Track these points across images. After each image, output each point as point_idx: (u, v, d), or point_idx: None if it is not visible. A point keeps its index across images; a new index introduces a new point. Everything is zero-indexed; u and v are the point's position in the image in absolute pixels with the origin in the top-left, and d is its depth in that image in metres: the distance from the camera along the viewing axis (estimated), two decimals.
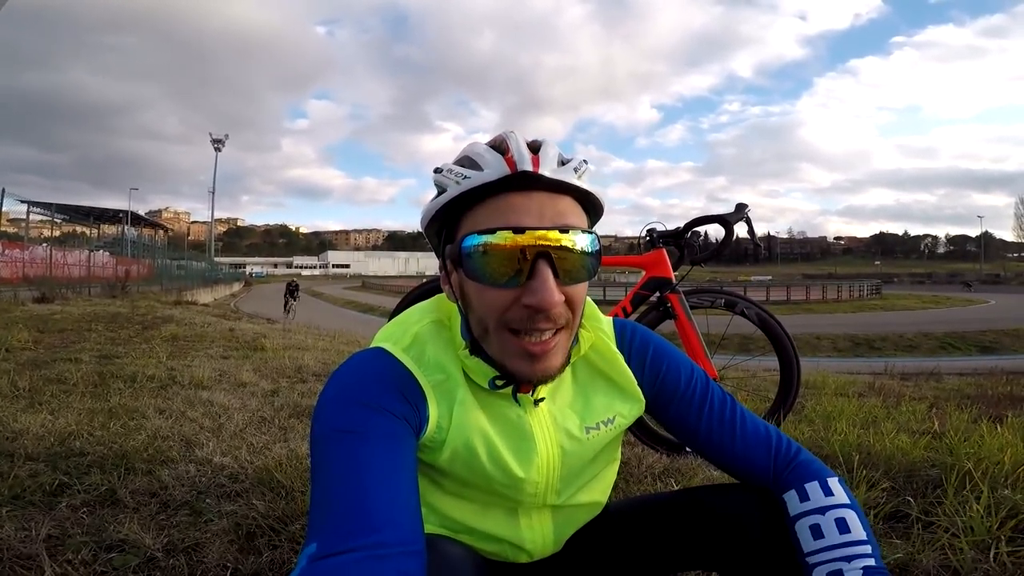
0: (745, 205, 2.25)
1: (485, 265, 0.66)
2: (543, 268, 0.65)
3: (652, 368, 0.84)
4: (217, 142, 46.66)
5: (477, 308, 0.70)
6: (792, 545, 0.74)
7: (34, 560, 1.26)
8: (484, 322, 0.69)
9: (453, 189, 0.67)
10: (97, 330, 5.81)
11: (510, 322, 0.68)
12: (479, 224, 0.66)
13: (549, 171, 0.66)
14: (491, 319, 0.68)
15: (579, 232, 0.67)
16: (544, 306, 0.65)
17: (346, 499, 0.61)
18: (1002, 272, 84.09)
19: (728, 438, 0.82)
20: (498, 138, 0.71)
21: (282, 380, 3.53)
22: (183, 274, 26.07)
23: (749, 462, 0.81)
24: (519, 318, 0.67)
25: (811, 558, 0.70)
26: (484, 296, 0.68)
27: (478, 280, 0.67)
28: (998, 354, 13.17)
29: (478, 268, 0.66)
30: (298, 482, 1.69)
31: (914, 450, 1.89)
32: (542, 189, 0.67)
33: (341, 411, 0.68)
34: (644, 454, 2.08)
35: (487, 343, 0.71)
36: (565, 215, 0.67)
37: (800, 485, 0.76)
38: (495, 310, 0.67)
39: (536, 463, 0.78)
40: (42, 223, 28.97)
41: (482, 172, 0.66)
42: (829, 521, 0.72)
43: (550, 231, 0.65)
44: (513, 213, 0.65)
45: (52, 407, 2.55)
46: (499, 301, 0.67)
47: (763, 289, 32.89)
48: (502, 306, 0.67)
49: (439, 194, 0.70)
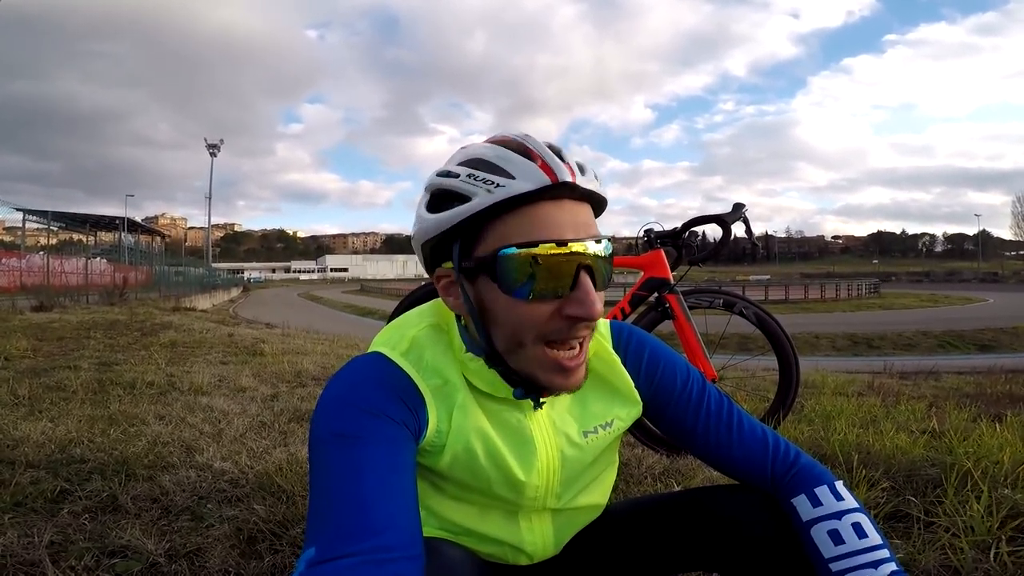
0: (742, 205, 2.25)
1: (527, 279, 0.64)
2: (585, 279, 0.65)
3: (648, 371, 0.84)
4: (212, 147, 46.58)
5: (509, 322, 0.67)
6: (797, 544, 0.74)
7: (37, 566, 1.26)
8: (517, 336, 0.68)
9: (484, 198, 0.64)
10: (96, 337, 5.81)
11: (549, 335, 0.67)
12: (514, 236, 0.64)
13: (582, 181, 0.66)
14: (529, 333, 0.67)
15: (606, 241, 0.68)
16: (592, 316, 0.65)
17: (345, 504, 0.61)
18: (1000, 270, 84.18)
19: (725, 441, 0.82)
20: (514, 141, 0.68)
21: (281, 385, 3.53)
22: (181, 280, 26.04)
23: (746, 465, 0.81)
24: (559, 329, 0.66)
25: (835, 564, 0.69)
26: (521, 310, 0.66)
27: (518, 294, 0.65)
28: (997, 352, 13.17)
29: (518, 282, 0.64)
30: (298, 486, 1.69)
31: (914, 449, 1.89)
32: (571, 198, 0.66)
33: (339, 416, 0.68)
34: (644, 455, 2.08)
35: (516, 357, 0.70)
36: (592, 224, 0.68)
37: (810, 490, 0.76)
38: (535, 323, 0.66)
39: (536, 467, 0.78)
40: (38, 231, 28.94)
41: (516, 180, 0.64)
42: (847, 526, 0.72)
43: (587, 242, 0.65)
44: (554, 226, 0.64)
45: (52, 415, 2.55)
46: (539, 314, 0.66)
47: (761, 289, 32.93)
48: (542, 319, 0.66)
49: (450, 200, 0.67)
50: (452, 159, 0.71)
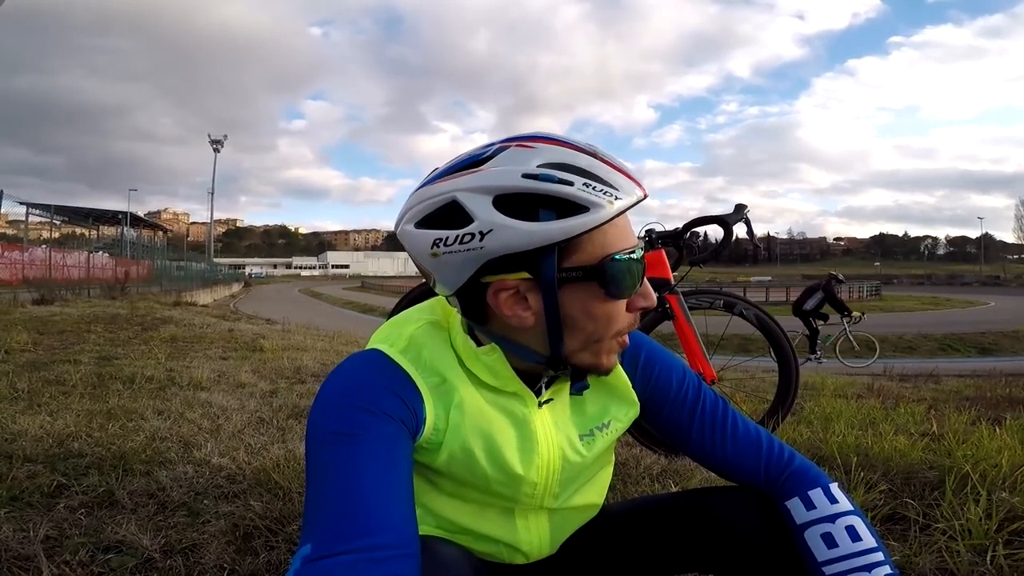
0: (744, 206, 2.24)
1: (632, 280, 0.70)
2: (644, 275, 0.72)
3: (644, 372, 0.85)
4: (216, 143, 46.69)
5: (598, 323, 0.70)
6: (792, 547, 0.75)
7: (32, 561, 1.26)
8: (599, 334, 0.71)
9: (608, 209, 0.64)
10: (96, 331, 5.81)
11: (624, 329, 0.73)
12: (617, 243, 0.69)
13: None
14: (613, 329, 0.72)
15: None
16: (653, 304, 0.75)
17: (341, 501, 0.61)
18: (1002, 274, 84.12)
19: (719, 442, 0.83)
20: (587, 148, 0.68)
21: (281, 381, 3.53)
22: (182, 275, 26.04)
23: (740, 466, 0.82)
24: (629, 324, 0.74)
25: (828, 568, 0.70)
26: (616, 310, 0.71)
27: (621, 296, 0.70)
28: (997, 356, 13.18)
29: (626, 283, 0.69)
30: (296, 483, 1.69)
31: (912, 452, 1.89)
32: None
33: (336, 413, 0.68)
34: (642, 455, 2.08)
35: (585, 353, 0.73)
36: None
37: (803, 492, 0.77)
38: (620, 320, 0.72)
39: (536, 463, 0.79)
40: (41, 224, 29.03)
41: (621, 191, 0.66)
42: (840, 529, 0.72)
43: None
44: (627, 231, 0.71)
45: (51, 408, 2.55)
46: (622, 312, 0.72)
47: (763, 290, 32.87)
48: (624, 315, 0.72)
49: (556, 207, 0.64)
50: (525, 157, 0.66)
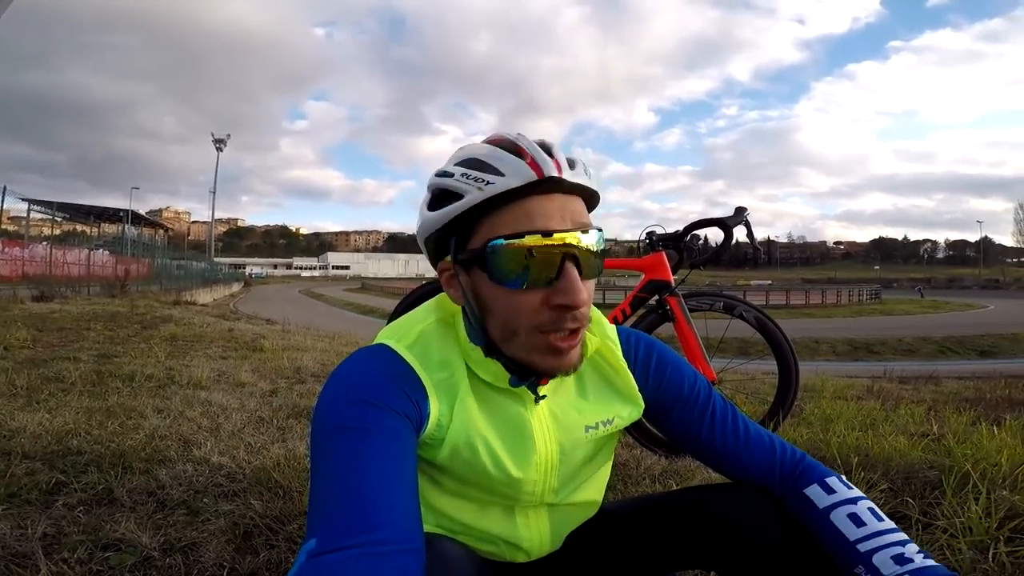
0: (744, 208, 2.24)
1: (516, 268, 0.67)
2: (571, 269, 0.67)
3: (656, 375, 0.86)
4: (219, 142, 46.59)
5: (502, 312, 0.70)
6: (790, 544, 0.75)
7: (30, 558, 1.25)
8: (511, 325, 0.70)
9: (475, 195, 0.67)
10: (96, 329, 5.80)
11: (540, 324, 0.69)
12: (502, 228, 0.67)
13: (570, 175, 0.68)
14: (522, 322, 0.69)
15: (593, 231, 0.70)
16: (576, 304, 0.67)
17: (346, 496, 0.61)
18: (1002, 277, 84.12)
19: (731, 443, 0.83)
20: (506, 140, 0.71)
21: (280, 381, 3.53)
22: (182, 274, 26.01)
23: (754, 466, 0.82)
24: (549, 319, 0.68)
25: (862, 545, 0.70)
26: (512, 300, 0.68)
27: (507, 284, 0.68)
28: (997, 358, 13.20)
29: (507, 272, 0.67)
30: (296, 482, 1.69)
31: (912, 452, 1.89)
32: (561, 191, 0.69)
33: (342, 407, 0.68)
34: (643, 456, 2.08)
35: (510, 344, 0.72)
36: (581, 215, 0.70)
37: (821, 480, 0.78)
38: (526, 313, 0.68)
39: (535, 461, 0.79)
40: (42, 221, 28.98)
41: (505, 177, 0.66)
42: (863, 510, 0.73)
43: (573, 232, 0.67)
44: (540, 217, 0.67)
45: (50, 406, 2.55)
46: (529, 304, 0.68)
47: (763, 293, 32.88)
48: (532, 308, 0.68)
49: (447, 198, 0.70)
50: (450, 159, 0.74)
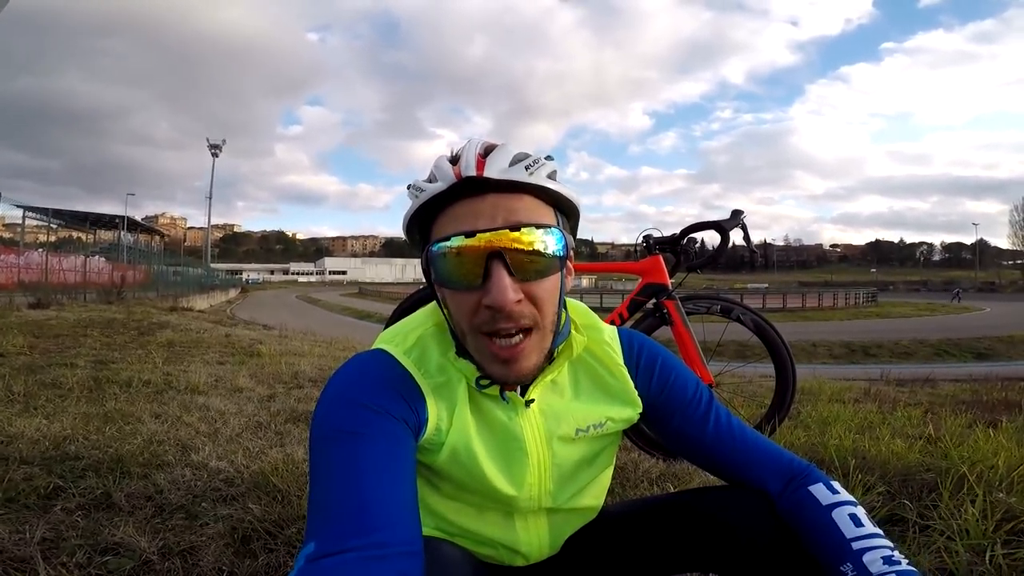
0: (741, 211, 2.25)
1: (447, 271, 0.68)
2: (497, 268, 0.66)
3: (660, 380, 0.85)
4: (214, 148, 46.44)
5: (453, 314, 0.72)
6: (787, 545, 0.75)
7: (28, 563, 1.25)
8: (460, 326, 0.72)
9: (413, 204, 0.71)
10: (93, 336, 5.78)
11: (479, 326, 0.69)
12: (438, 232, 0.70)
13: (497, 172, 0.67)
14: (464, 322, 0.71)
15: (534, 229, 0.68)
16: (500, 305, 0.66)
17: (345, 499, 0.62)
18: (997, 279, 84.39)
19: (731, 451, 0.83)
20: (458, 148, 0.72)
21: (278, 386, 3.52)
22: (179, 280, 25.97)
23: (755, 473, 0.82)
24: (484, 321, 0.68)
25: (856, 544, 0.71)
26: (456, 301, 0.70)
27: (444, 286, 0.70)
28: (993, 360, 13.23)
29: (442, 274, 0.69)
30: (294, 486, 1.69)
31: (909, 454, 1.90)
32: (495, 191, 0.68)
33: (341, 411, 0.69)
34: (640, 459, 2.08)
35: (467, 345, 0.73)
36: (518, 213, 0.68)
37: (824, 480, 0.79)
38: (465, 314, 0.70)
39: (528, 466, 0.79)
40: (38, 228, 28.90)
41: (436, 183, 0.69)
42: (862, 512, 0.74)
43: (501, 231, 0.66)
44: (466, 218, 0.68)
45: (47, 411, 2.54)
46: (466, 305, 0.69)
47: (759, 297, 32.94)
48: (469, 309, 0.69)
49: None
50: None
